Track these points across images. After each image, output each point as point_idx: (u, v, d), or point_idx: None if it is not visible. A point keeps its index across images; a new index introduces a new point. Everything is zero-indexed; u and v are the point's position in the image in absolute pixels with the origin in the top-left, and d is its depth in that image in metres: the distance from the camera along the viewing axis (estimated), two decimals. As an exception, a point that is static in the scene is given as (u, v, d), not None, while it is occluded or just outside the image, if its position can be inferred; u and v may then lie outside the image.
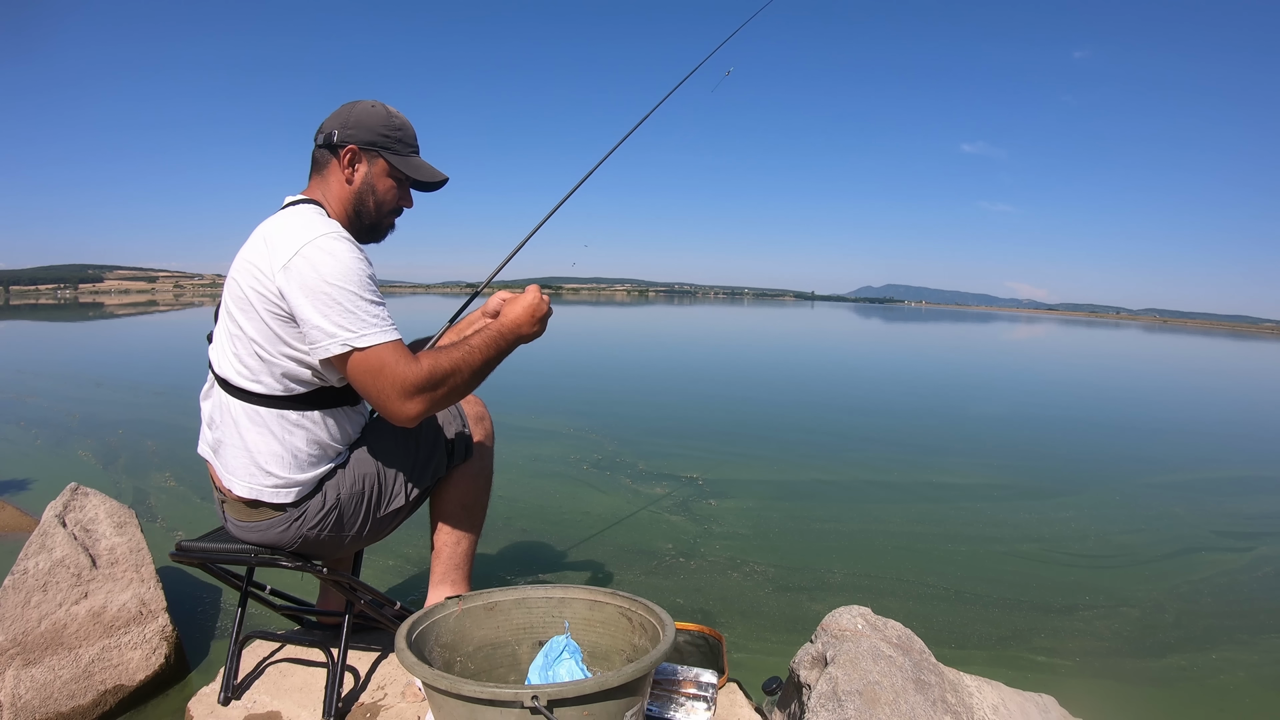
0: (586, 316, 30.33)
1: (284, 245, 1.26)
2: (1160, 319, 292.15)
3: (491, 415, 1.72)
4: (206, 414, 1.43)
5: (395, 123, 1.43)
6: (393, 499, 1.50)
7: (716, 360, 12.47)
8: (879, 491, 4.26)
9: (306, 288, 1.23)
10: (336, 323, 1.23)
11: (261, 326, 1.29)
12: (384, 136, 1.42)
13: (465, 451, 1.61)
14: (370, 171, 1.42)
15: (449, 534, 1.62)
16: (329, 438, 1.41)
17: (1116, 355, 20.08)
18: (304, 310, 1.24)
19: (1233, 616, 2.69)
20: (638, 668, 1.09)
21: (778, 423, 6.39)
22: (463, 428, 1.60)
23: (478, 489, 1.65)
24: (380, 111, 1.43)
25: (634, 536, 3.20)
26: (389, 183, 1.45)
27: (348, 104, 1.45)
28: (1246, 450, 6.38)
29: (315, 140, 1.44)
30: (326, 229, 1.29)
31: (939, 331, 30.80)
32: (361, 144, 1.41)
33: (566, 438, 5.23)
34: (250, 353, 1.32)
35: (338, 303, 1.23)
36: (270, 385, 1.33)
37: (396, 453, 1.50)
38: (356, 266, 1.26)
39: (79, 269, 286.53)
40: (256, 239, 1.33)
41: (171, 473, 3.90)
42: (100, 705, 1.70)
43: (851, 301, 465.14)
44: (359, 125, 1.41)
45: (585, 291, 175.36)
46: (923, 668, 1.46)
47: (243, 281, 1.30)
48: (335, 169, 1.41)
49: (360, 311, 1.24)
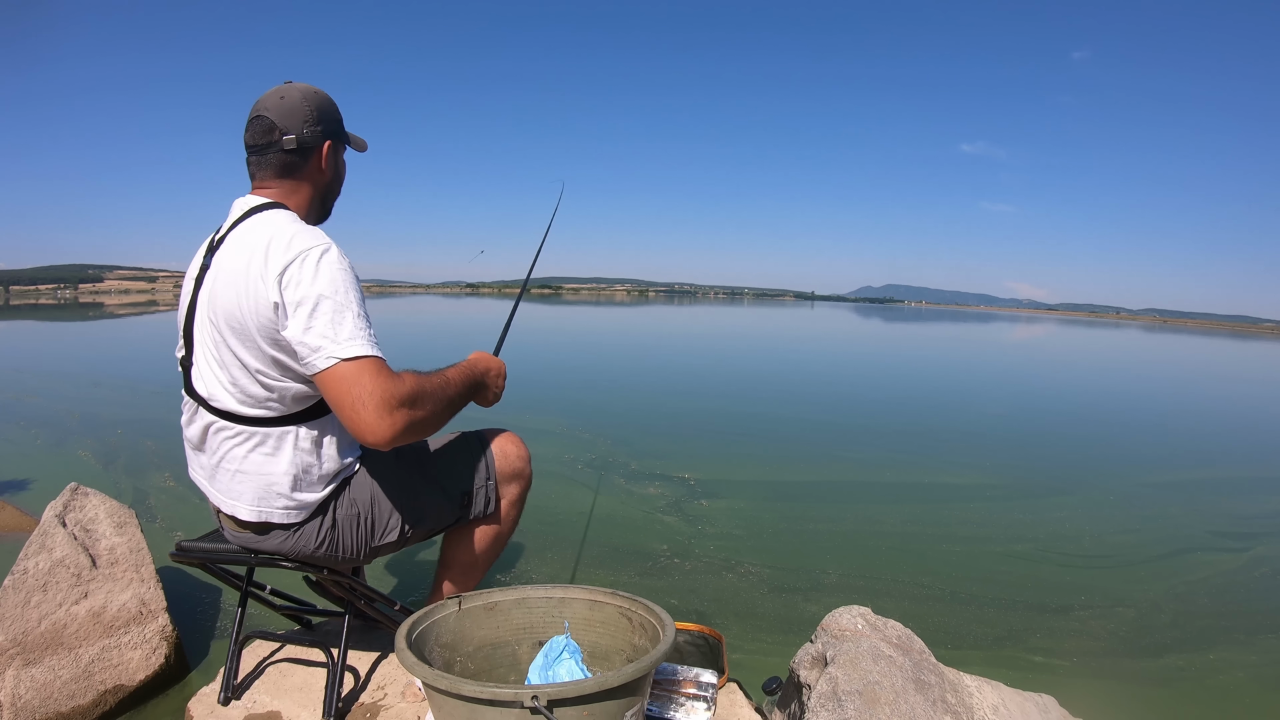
0: (586, 316, 30.33)
1: (272, 263, 1.20)
2: (1160, 319, 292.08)
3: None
4: (194, 439, 1.35)
5: (335, 104, 1.42)
6: (387, 532, 1.45)
7: (711, 360, 12.47)
8: (873, 491, 4.26)
9: (294, 302, 1.19)
10: (322, 334, 1.18)
11: (262, 355, 1.24)
12: (337, 122, 1.41)
13: (486, 505, 1.55)
14: (338, 160, 1.45)
15: (448, 575, 1.59)
16: (335, 446, 1.38)
17: (1115, 355, 20.09)
18: (292, 325, 1.19)
19: (1230, 617, 2.70)
20: (638, 668, 1.10)
21: (770, 422, 6.38)
22: (487, 480, 1.53)
23: (486, 547, 1.58)
24: (327, 96, 1.40)
25: (629, 537, 3.21)
26: (343, 162, 1.47)
27: (294, 93, 1.35)
28: (1242, 450, 6.39)
29: (277, 140, 1.33)
30: (314, 241, 1.24)
31: (938, 332, 30.81)
32: (333, 137, 1.40)
33: (560, 437, 5.24)
34: (253, 381, 1.26)
35: (323, 314, 1.18)
36: (275, 408, 1.29)
37: (401, 484, 1.46)
38: (343, 279, 1.22)
39: (79, 269, 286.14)
40: (239, 258, 1.24)
41: (171, 473, 3.91)
42: (100, 705, 1.70)
43: (851, 302, 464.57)
44: (326, 118, 1.37)
45: (585, 291, 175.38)
46: (923, 668, 1.47)
47: (238, 304, 1.22)
48: (312, 168, 1.38)
49: (347, 324, 1.19)
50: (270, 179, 1.36)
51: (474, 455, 1.54)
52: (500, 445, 1.57)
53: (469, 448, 1.55)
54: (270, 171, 1.36)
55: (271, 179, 1.36)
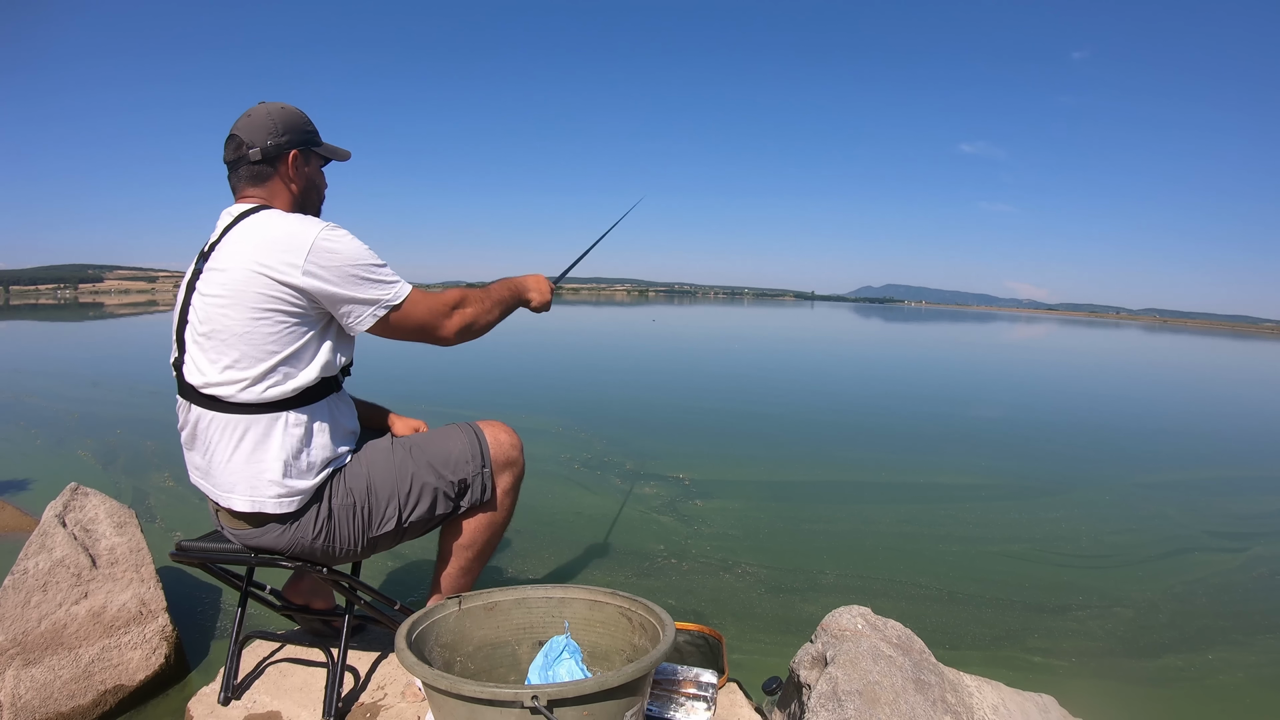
0: (585, 316, 30.33)
1: (292, 247, 1.33)
2: (1160, 319, 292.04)
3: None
4: (188, 439, 1.41)
5: (305, 117, 1.54)
6: (385, 522, 1.48)
7: (707, 360, 12.47)
8: (869, 491, 4.26)
9: (334, 278, 1.35)
10: (369, 294, 1.38)
11: (273, 328, 1.32)
12: (307, 134, 1.52)
13: (482, 493, 1.56)
14: (306, 169, 1.53)
15: (448, 567, 1.59)
16: (327, 431, 1.41)
17: (1114, 355, 20.10)
18: (340, 295, 1.36)
19: (1228, 617, 2.70)
20: (638, 668, 1.10)
21: (765, 422, 6.39)
22: (483, 468, 1.56)
23: (483, 535, 1.59)
24: (295, 110, 1.52)
25: (625, 537, 3.21)
26: (319, 172, 1.57)
27: (260, 110, 1.48)
28: (1240, 450, 6.40)
29: (244, 154, 1.45)
30: (319, 224, 1.38)
31: (937, 331, 30.82)
32: (299, 146, 1.50)
33: (556, 436, 5.24)
34: (254, 359, 1.32)
35: (364, 279, 1.37)
36: (269, 393, 1.33)
37: (395, 472, 1.49)
38: (359, 245, 1.39)
39: (79, 269, 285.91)
40: (247, 246, 1.34)
41: (171, 473, 3.91)
42: (100, 705, 1.70)
43: (851, 301, 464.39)
44: (290, 129, 1.48)
45: (585, 291, 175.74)
46: (923, 668, 1.47)
47: (246, 287, 1.31)
48: (280, 176, 1.48)
49: (383, 278, 1.40)
50: (246, 188, 1.48)
51: (468, 442, 1.55)
52: (493, 433, 1.59)
53: (462, 436, 1.57)
54: (245, 182, 1.48)
55: (247, 187, 1.48)
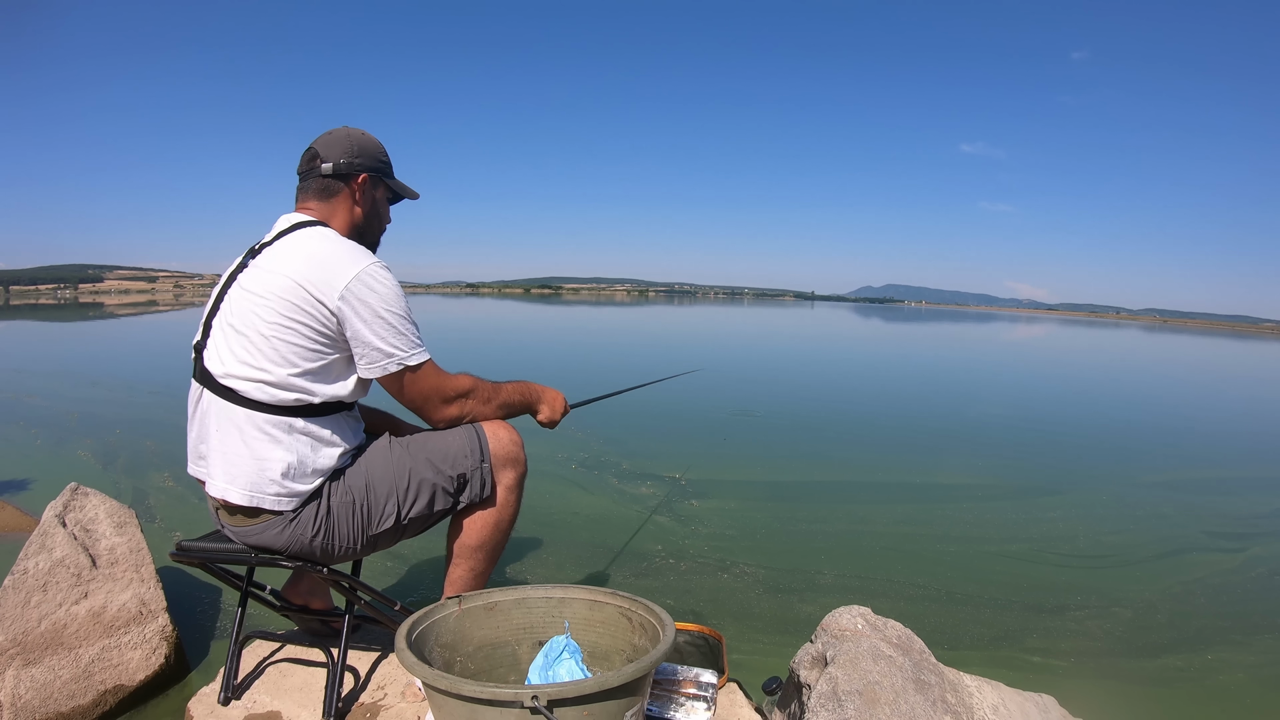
0: (584, 316, 30.33)
1: (338, 271, 1.37)
2: (1160, 319, 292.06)
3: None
4: (197, 428, 1.42)
5: (382, 148, 1.58)
6: (384, 518, 1.48)
7: (707, 359, 12.47)
8: (867, 491, 4.25)
9: (365, 315, 1.38)
10: (393, 344, 1.40)
11: (300, 340, 1.35)
12: (382, 163, 1.57)
13: (482, 488, 1.56)
14: (375, 196, 1.57)
15: (455, 567, 1.60)
16: (332, 444, 1.43)
17: (1113, 355, 20.09)
18: (363, 334, 1.38)
19: (1227, 617, 2.70)
20: (638, 668, 1.10)
21: (760, 422, 6.38)
22: (481, 463, 1.56)
23: (488, 534, 1.59)
24: (374, 139, 1.57)
25: (623, 537, 3.21)
26: (386, 205, 1.62)
27: (341, 131, 1.54)
28: (1239, 450, 6.39)
29: (316, 167, 1.50)
30: (371, 258, 1.42)
31: (937, 331, 30.82)
32: (370, 172, 1.54)
33: (553, 435, 5.23)
34: (276, 363, 1.35)
35: (392, 327, 1.40)
36: (284, 397, 1.36)
37: (394, 468, 1.49)
38: (400, 294, 1.43)
39: (79, 269, 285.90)
40: (295, 257, 1.38)
41: (171, 473, 3.91)
42: (100, 705, 1.70)
43: (852, 301, 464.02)
44: (365, 154, 1.53)
45: (585, 291, 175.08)
46: (923, 668, 1.47)
47: (283, 295, 1.34)
48: (345, 195, 1.53)
49: (409, 334, 1.43)
50: (310, 200, 1.52)
51: (467, 438, 1.55)
52: (493, 430, 1.58)
53: (461, 432, 1.57)
54: (310, 194, 1.52)
55: (311, 200, 1.52)
